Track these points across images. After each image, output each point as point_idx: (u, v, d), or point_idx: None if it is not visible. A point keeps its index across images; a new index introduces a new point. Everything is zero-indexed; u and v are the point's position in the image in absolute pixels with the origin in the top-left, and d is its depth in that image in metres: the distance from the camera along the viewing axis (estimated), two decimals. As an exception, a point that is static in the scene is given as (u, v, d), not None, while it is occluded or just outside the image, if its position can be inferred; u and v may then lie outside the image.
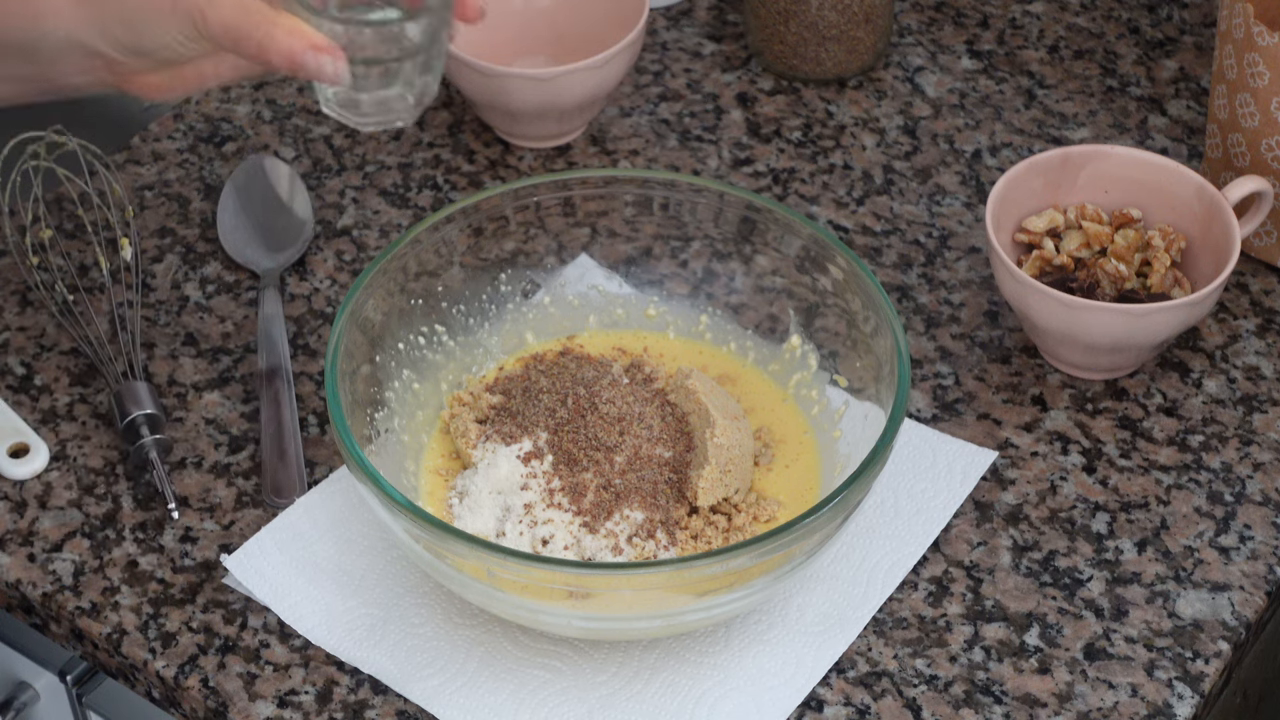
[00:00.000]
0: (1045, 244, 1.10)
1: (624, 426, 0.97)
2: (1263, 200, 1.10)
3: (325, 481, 1.04)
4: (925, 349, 1.11)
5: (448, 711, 0.94)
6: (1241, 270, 1.15)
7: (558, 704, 0.94)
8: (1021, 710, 0.95)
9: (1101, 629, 0.98)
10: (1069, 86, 1.27)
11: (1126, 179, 1.11)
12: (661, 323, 1.08)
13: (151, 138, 1.24)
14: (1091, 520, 1.02)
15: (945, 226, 1.18)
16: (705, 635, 0.97)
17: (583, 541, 0.95)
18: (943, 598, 0.99)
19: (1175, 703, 0.95)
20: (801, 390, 1.04)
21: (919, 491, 1.03)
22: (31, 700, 1.10)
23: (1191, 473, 1.05)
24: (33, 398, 1.09)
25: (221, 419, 1.07)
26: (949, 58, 1.29)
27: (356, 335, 0.98)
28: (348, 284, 1.14)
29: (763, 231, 1.04)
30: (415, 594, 0.99)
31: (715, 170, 1.21)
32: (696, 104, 1.26)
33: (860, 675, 0.96)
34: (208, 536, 1.02)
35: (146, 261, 1.16)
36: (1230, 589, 0.99)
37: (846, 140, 1.23)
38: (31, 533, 1.02)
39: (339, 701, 0.95)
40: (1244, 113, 1.11)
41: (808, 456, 1.02)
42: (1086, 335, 1.05)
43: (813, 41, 1.25)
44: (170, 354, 1.11)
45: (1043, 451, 1.06)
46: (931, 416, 1.07)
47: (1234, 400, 1.08)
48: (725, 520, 0.97)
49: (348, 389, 0.95)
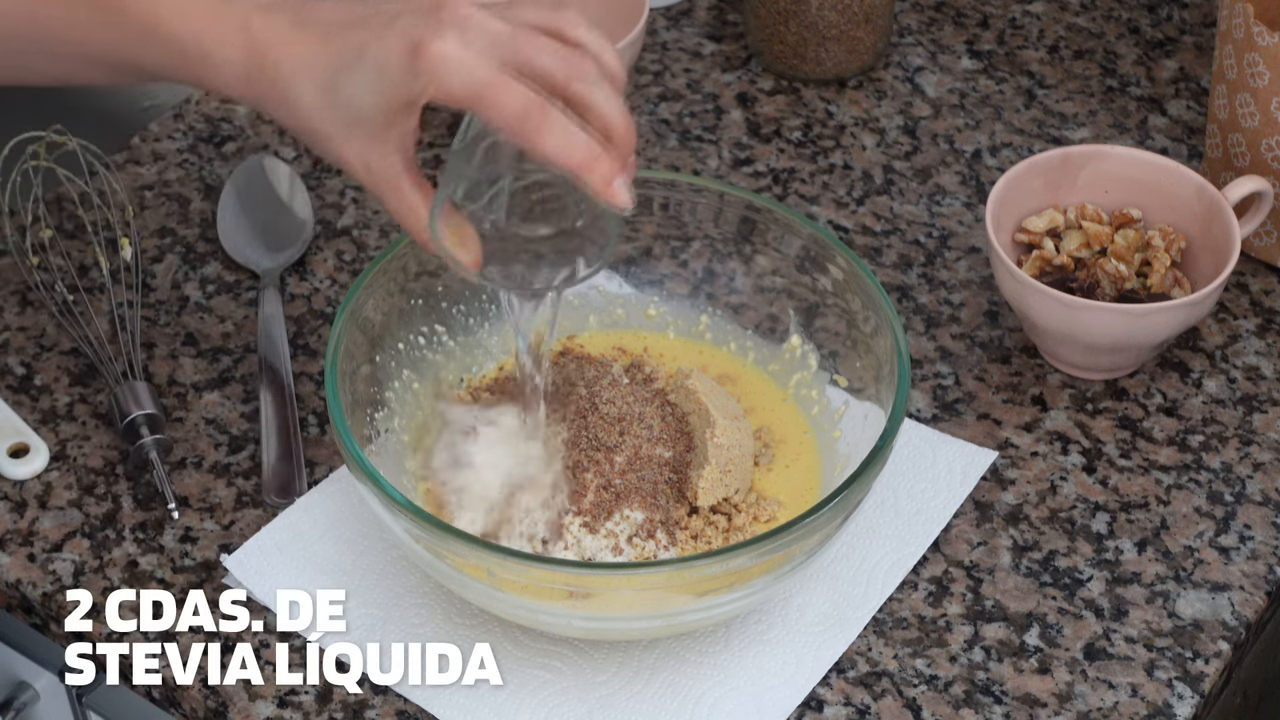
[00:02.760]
0: (1045, 244, 1.10)
1: (624, 426, 0.97)
2: (1263, 200, 1.10)
3: (325, 481, 1.04)
4: (925, 349, 1.11)
5: (448, 711, 0.94)
6: (1241, 270, 1.15)
7: (558, 704, 0.94)
8: (1021, 710, 0.95)
9: (1101, 629, 0.98)
10: (1069, 86, 1.27)
11: (1126, 179, 1.11)
12: (661, 323, 1.08)
13: (151, 138, 1.24)
14: (1091, 520, 1.02)
15: (945, 226, 1.18)
16: (705, 635, 0.97)
17: (583, 541, 0.95)
18: (943, 598, 0.99)
19: (1175, 703, 0.95)
20: (801, 390, 1.04)
21: (919, 491, 1.03)
22: (31, 700, 1.10)
23: (1191, 473, 1.05)
24: (33, 398, 1.09)
25: (221, 419, 1.07)
26: (949, 58, 1.29)
27: (356, 335, 0.98)
28: (348, 284, 1.14)
29: (763, 231, 1.04)
30: (415, 594, 0.98)
31: (715, 170, 1.21)
32: (696, 104, 1.26)
33: (860, 675, 0.96)
34: (208, 536, 1.02)
35: (146, 261, 1.16)
36: (1230, 589, 0.99)
37: (846, 140, 1.23)
38: (31, 533, 1.02)
39: (339, 701, 0.95)
40: (1244, 113, 1.11)
41: (808, 456, 1.02)
42: (1086, 335, 1.05)
43: (813, 41, 1.25)
44: (170, 354, 1.11)
45: (1043, 451, 1.06)
46: (931, 416, 1.07)
47: (1234, 400, 1.08)
48: (725, 520, 0.97)
49: (348, 389, 0.95)
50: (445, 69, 0.85)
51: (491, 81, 0.85)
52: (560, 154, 0.85)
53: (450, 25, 0.86)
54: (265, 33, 0.90)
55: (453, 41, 0.86)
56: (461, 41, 0.86)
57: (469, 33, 0.86)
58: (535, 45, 0.87)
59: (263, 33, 0.90)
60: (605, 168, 0.86)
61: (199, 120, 1.25)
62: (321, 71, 0.88)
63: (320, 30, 0.89)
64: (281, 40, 0.89)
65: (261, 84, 0.90)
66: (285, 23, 0.90)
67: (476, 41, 0.86)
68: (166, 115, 1.25)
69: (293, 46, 0.89)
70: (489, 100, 0.85)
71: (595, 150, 0.86)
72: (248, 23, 0.90)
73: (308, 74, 0.89)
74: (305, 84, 0.89)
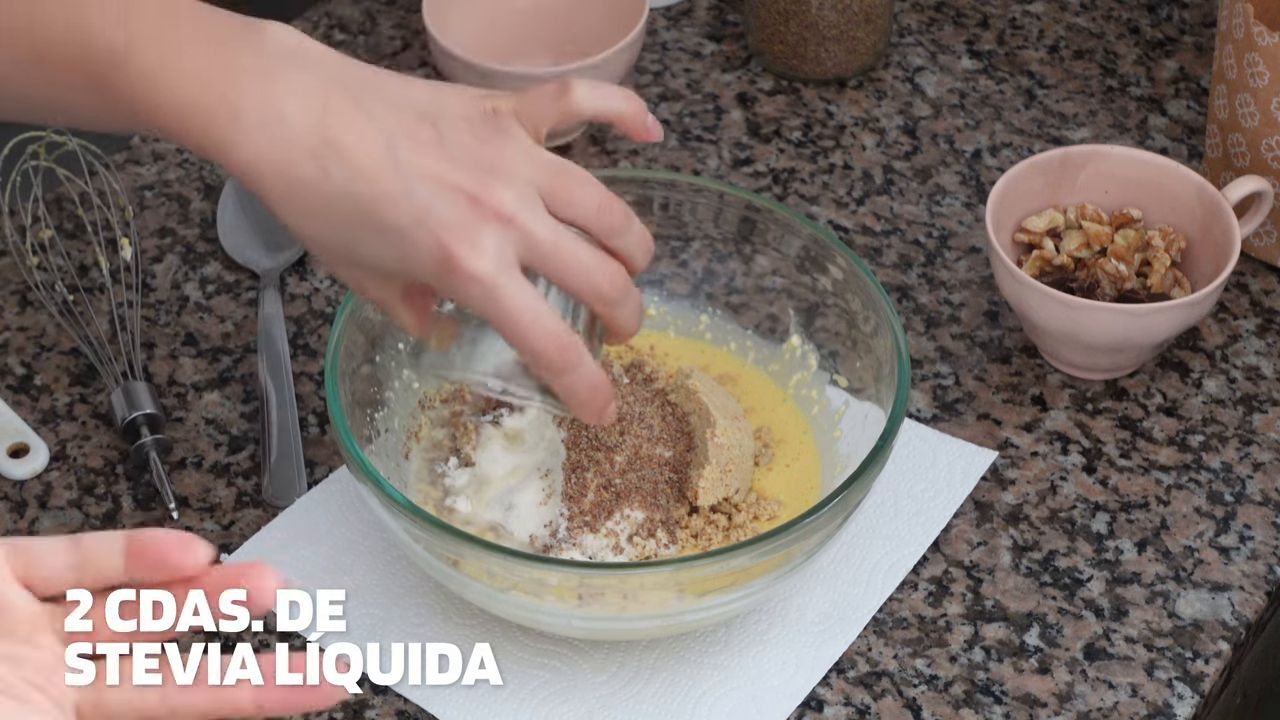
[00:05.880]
0: (1045, 244, 1.10)
1: (624, 426, 0.97)
2: (1263, 200, 1.10)
3: (325, 481, 1.04)
4: (925, 349, 1.11)
5: (448, 711, 0.94)
6: (1241, 270, 1.15)
7: (558, 704, 0.94)
8: (1021, 710, 0.95)
9: (1101, 629, 0.98)
10: (1069, 86, 1.27)
11: (1126, 179, 1.11)
12: (661, 323, 1.08)
13: (151, 138, 1.24)
14: (1091, 520, 1.02)
15: (945, 226, 1.18)
16: (705, 635, 0.97)
17: (583, 541, 0.95)
18: (943, 598, 0.99)
19: (1175, 703, 0.95)
20: (801, 390, 1.04)
21: (919, 491, 1.03)
22: (31, 700, 1.10)
23: (1191, 473, 1.05)
24: (33, 398, 1.09)
25: (221, 419, 1.07)
26: (949, 58, 1.29)
27: (356, 335, 0.98)
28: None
29: (763, 231, 1.04)
30: (415, 594, 0.98)
31: (715, 170, 1.21)
32: (696, 104, 1.26)
33: (860, 675, 0.96)
34: (208, 536, 1.02)
35: (146, 261, 1.16)
36: (1230, 589, 0.99)
37: (846, 140, 1.23)
38: (31, 533, 1.02)
39: (339, 701, 0.95)
40: (1244, 113, 1.11)
41: (808, 456, 1.02)
42: (1086, 335, 1.05)
43: (813, 41, 1.25)
44: (170, 354, 1.11)
45: (1043, 451, 1.06)
46: (931, 416, 1.07)
47: (1234, 400, 1.08)
48: (725, 520, 0.97)
49: (348, 389, 0.95)
50: (476, 293, 0.82)
51: (519, 309, 0.82)
52: (566, 392, 0.85)
53: (488, 225, 0.82)
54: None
55: (488, 259, 0.82)
56: (496, 250, 0.82)
57: (504, 236, 0.82)
58: (572, 256, 0.84)
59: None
60: (600, 409, 0.87)
61: (199, 120, 1.25)
62: (343, 227, 0.84)
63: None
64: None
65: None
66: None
67: (510, 247, 0.83)
68: (166, 115, 1.25)
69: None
70: (514, 325, 0.83)
71: (599, 394, 0.86)
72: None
73: (321, 218, 0.84)
74: (316, 223, 0.85)
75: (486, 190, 0.83)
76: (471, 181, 0.83)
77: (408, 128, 0.83)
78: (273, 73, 0.83)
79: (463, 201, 0.82)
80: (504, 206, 0.83)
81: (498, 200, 0.83)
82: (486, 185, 0.83)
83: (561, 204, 0.85)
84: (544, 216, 0.84)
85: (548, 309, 0.83)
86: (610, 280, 0.85)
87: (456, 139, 0.84)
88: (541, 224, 0.84)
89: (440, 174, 0.83)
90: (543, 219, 0.84)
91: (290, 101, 0.83)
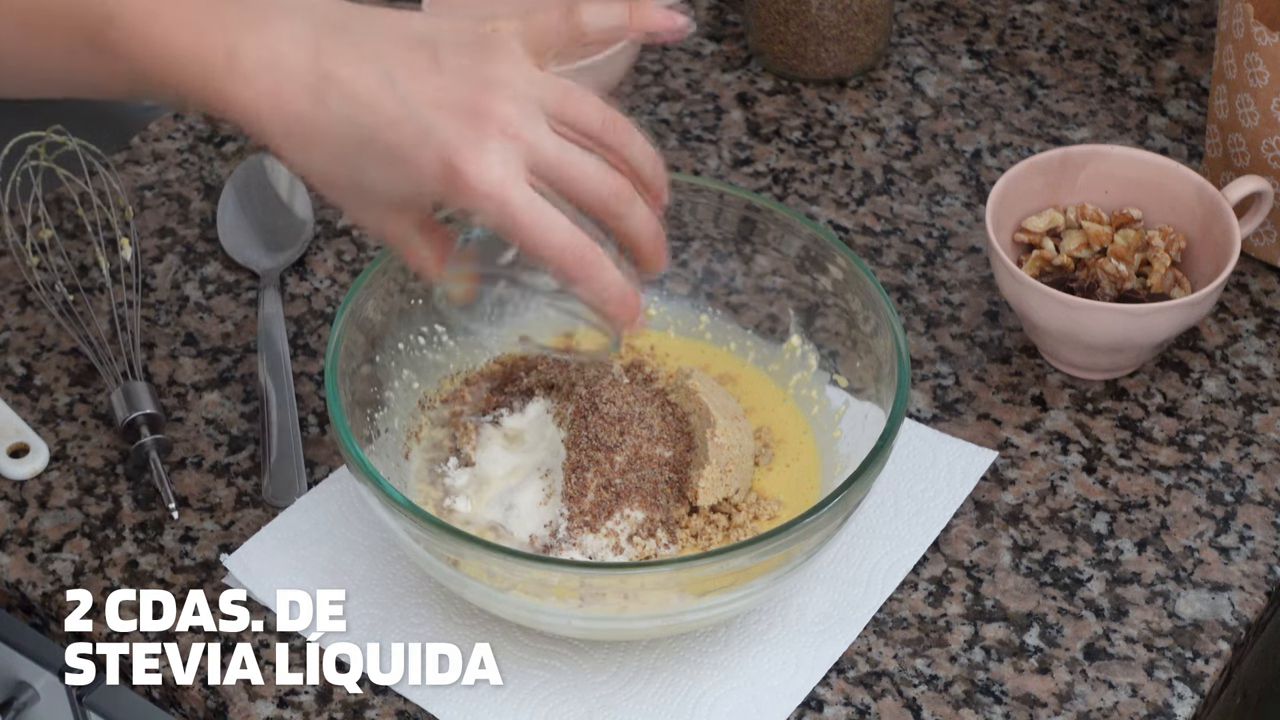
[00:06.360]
0: (1045, 244, 1.10)
1: (624, 426, 0.97)
2: (1263, 200, 1.10)
3: (325, 481, 1.04)
4: (925, 349, 1.11)
5: (448, 711, 0.94)
6: (1241, 270, 1.15)
7: (558, 704, 0.94)
8: (1021, 710, 0.95)
9: (1101, 629, 0.98)
10: (1069, 86, 1.27)
11: (1126, 179, 1.11)
12: (661, 323, 1.08)
13: (151, 138, 1.24)
14: (1091, 520, 1.02)
15: (945, 226, 1.18)
16: (705, 635, 0.97)
17: (583, 541, 0.95)
18: (943, 598, 0.99)
19: (1175, 703, 0.95)
20: (801, 390, 1.04)
21: (919, 491, 1.03)
22: (31, 700, 1.10)
23: (1191, 473, 1.05)
24: (33, 398, 1.09)
25: (221, 419, 1.07)
26: (949, 58, 1.29)
27: (356, 335, 0.98)
28: (348, 284, 1.14)
29: (763, 231, 1.04)
30: (415, 594, 0.98)
31: (715, 170, 1.21)
32: (696, 104, 1.26)
33: (860, 675, 0.96)
34: (208, 536, 1.02)
35: (146, 261, 1.16)
36: (1230, 589, 0.99)
37: (846, 140, 1.23)
38: (31, 533, 1.02)
39: (339, 701, 0.95)
40: (1244, 113, 1.11)
41: (808, 456, 1.02)
42: (1086, 335, 1.05)
43: (813, 41, 1.25)
44: (170, 354, 1.11)
45: (1043, 451, 1.06)
46: (931, 416, 1.07)
47: (1234, 400, 1.08)
48: (725, 520, 0.97)
49: (348, 389, 0.95)
50: (484, 199, 0.82)
51: (532, 220, 0.82)
52: (594, 299, 0.85)
53: (491, 140, 0.82)
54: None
55: (493, 166, 0.82)
56: (501, 163, 0.82)
57: (509, 150, 0.82)
58: (578, 168, 0.84)
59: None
60: (631, 315, 0.86)
61: (199, 120, 1.25)
62: (345, 158, 0.84)
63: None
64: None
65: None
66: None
67: (516, 159, 0.82)
68: (166, 115, 1.25)
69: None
70: (528, 235, 0.82)
71: (629, 300, 0.85)
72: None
73: (323, 148, 0.84)
74: (318, 157, 0.85)
75: (488, 106, 0.83)
76: (472, 99, 0.83)
77: (404, 56, 0.83)
78: (266, 18, 0.84)
79: (464, 118, 0.82)
80: (507, 121, 0.83)
81: (501, 115, 0.83)
82: (487, 101, 0.83)
83: (566, 119, 0.85)
84: (547, 130, 0.84)
85: (562, 219, 0.83)
86: (616, 191, 0.85)
87: (454, 62, 0.84)
88: (545, 137, 0.84)
89: (439, 96, 0.83)
90: (546, 132, 0.84)
91: (284, 43, 0.83)
